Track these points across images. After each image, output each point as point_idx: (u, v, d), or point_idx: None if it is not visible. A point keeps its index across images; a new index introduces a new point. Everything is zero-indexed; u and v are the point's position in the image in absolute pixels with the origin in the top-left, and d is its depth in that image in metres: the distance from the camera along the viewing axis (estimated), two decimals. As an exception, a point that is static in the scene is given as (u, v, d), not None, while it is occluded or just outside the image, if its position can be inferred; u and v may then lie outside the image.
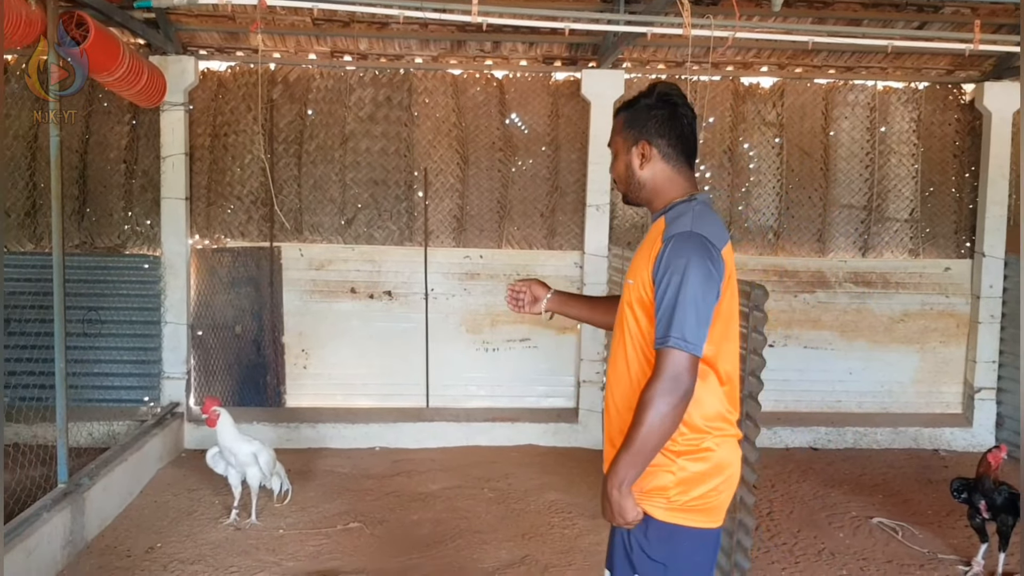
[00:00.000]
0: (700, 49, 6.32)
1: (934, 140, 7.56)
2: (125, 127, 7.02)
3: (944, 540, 5.20)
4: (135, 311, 6.90)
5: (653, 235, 2.36)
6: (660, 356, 2.23)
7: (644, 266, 2.32)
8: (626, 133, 2.46)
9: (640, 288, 2.33)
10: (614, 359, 2.45)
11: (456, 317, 7.32)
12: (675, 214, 2.36)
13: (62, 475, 4.81)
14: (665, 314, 2.23)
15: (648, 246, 2.36)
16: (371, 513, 5.45)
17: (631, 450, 2.24)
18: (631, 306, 2.36)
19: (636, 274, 2.36)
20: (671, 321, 2.21)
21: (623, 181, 2.50)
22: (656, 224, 2.39)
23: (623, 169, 2.48)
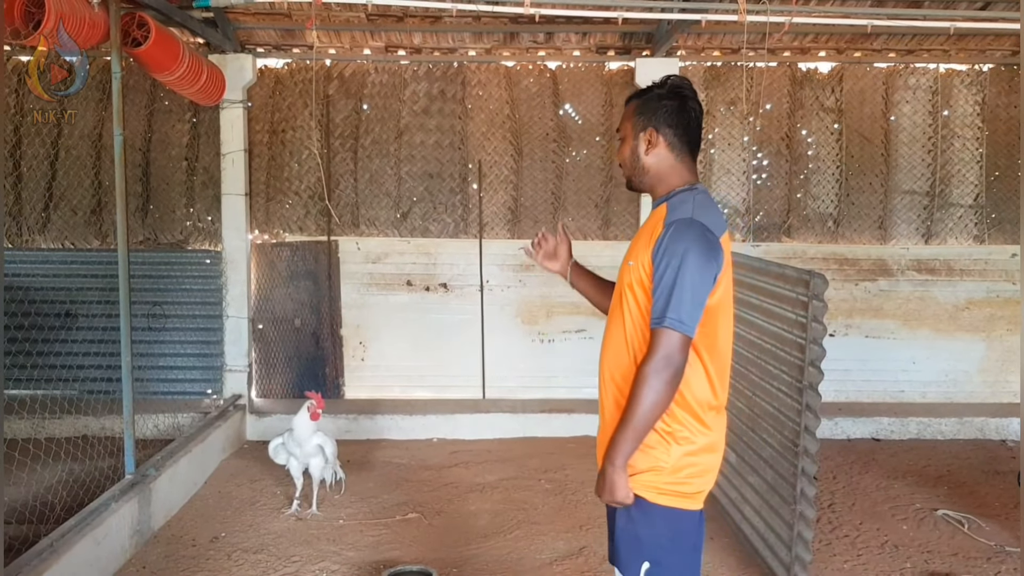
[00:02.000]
0: (756, 35, 6.22)
1: (999, 123, 7.35)
2: (186, 125, 7.16)
3: (1012, 533, 5.07)
4: (197, 305, 7.05)
5: (654, 220, 2.47)
6: (656, 335, 2.34)
7: (644, 249, 2.41)
8: (635, 120, 2.54)
9: (640, 269, 2.42)
10: (611, 336, 2.55)
11: (511, 308, 7.34)
12: (677, 201, 2.45)
13: (129, 466, 4.94)
14: (663, 295, 2.33)
15: (649, 230, 2.45)
16: (429, 504, 5.50)
17: (628, 425, 2.36)
18: (631, 287, 2.45)
19: (636, 256, 2.45)
20: (668, 302, 2.32)
21: (628, 166, 2.58)
22: (657, 210, 2.50)
23: (629, 154, 2.57)
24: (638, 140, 2.54)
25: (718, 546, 4.81)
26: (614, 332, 2.54)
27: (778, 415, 4.29)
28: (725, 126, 7.29)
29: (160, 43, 5.14)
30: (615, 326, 2.54)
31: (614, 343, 2.54)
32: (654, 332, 2.35)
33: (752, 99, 7.07)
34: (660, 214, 2.46)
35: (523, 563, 4.66)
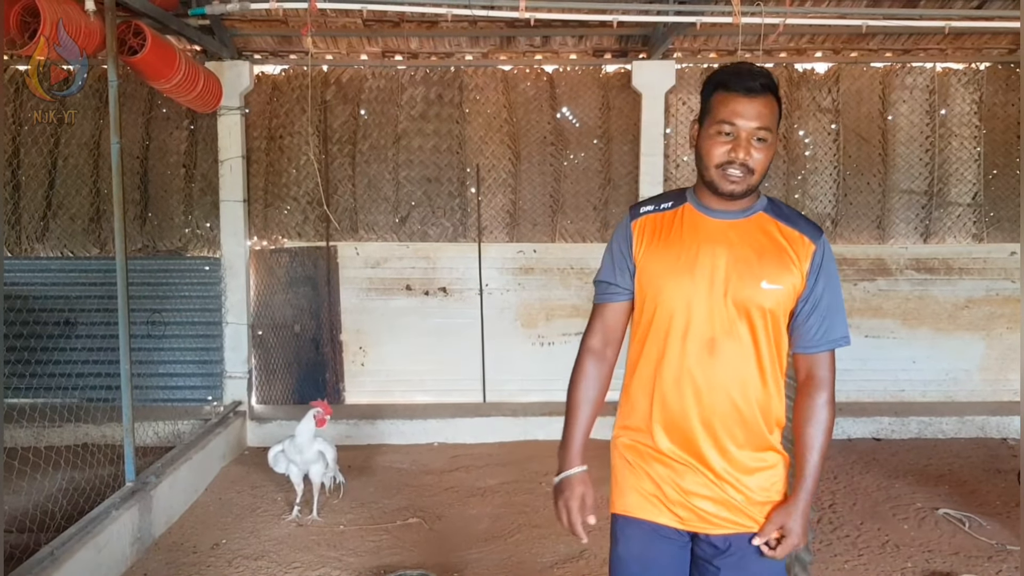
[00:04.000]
0: (751, 36, 6.23)
1: (997, 122, 7.36)
2: (183, 132, 7.17)
3: (1013, 531, 5.06)
4: (197, 312, 7.05)
5: (772, 231, 2.25)
6: (831, 358, 2.28)
7: (789, 268, 2.22)
8: (779, 122, 2.25)
9: (789, 292, 2.22)
10: (731, 363, 2.23)
11: (511, 312, 7.34)
12: (784, 211, 2.31)
13: (129, 473, 4.94)
14: (836, 314, 2.25)
15: (778, 245, 2.24)
16: (430, 508, 5.50)
17: (824, 457, 2.27)
18: (773, 312, 2.22)
19: (780, 278, 2.21)
20: (839, 320, 2.26)
21: (765, 170, 2.23)
22: (761, 218, 2.27)
23: (772, 158, 2.24)
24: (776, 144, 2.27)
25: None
26: (743, 358, 2.24)
27: (777, 416, 4.28)
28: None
29: (156, 51, 5.15)
30: (741, 352, 2.23)
31: (744, 369, 2.24)
32: (828, 355, 2.28)
33: (749, 100, 7.06)
34: (783, 227, 2.26)
35: (524, 567, 4.66)
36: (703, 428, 2.26)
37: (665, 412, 2.31)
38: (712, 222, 2.27)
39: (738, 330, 2.22)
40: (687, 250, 2.25)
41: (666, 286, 2.26)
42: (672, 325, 2.26)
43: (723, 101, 2.17)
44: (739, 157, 2.16)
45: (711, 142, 2.20)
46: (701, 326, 2.23)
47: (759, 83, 2.15)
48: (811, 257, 2.22)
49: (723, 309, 2.21)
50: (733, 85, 2.16)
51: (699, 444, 2.27)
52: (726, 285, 2.20)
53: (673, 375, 2.27)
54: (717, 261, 2.22)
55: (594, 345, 2.45)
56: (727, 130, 2.16)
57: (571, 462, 2.44)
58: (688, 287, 2.23)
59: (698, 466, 2.28)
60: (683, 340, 2.25)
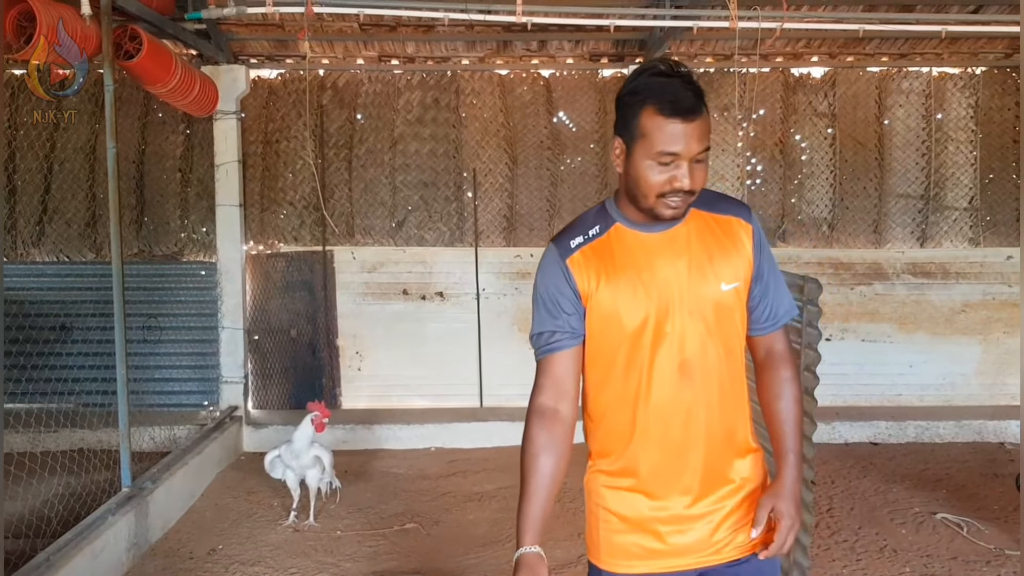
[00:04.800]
0: (748, 41, 6.23)
1: (993, 126, 7.37)
2: (180, 137, 7.16)
3: (1011, 536, 5.06)
4: (193, 317, 7.04)
5: (709, 226, 2.09)
6: (784, 332, 2.20)
7: (739, 260, 2.08)
8: None
9: (746, 284, 2.10)
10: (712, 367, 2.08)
11: (508, 316, 7.33)
12: (706, 197, 2.09)
13: (125, 479, 4.92)
14: (781, 288, 2.16)
15: (721, 239, 2.08)
16: (427, 513, 5.49)
17: (800, 434, 2.18)
18: (737, 308, 2.10)
19: (735, 274, 2.07)
20: (785, 292, 2.18)
21: (703, 185, 2.04)
22: (694, 214, 2.09)
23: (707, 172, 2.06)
24: None
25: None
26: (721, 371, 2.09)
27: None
28: (718, 132, 7.30)
29: (152, 55, 5.14)
30: (719, 365, 2.08)
31: (725, 381, 2.10)
32: (781, 331, 2.19)
33: (745, 105, 7.08)
34: (714, 216, 2.10)
35: (522, 572, 4.65)
36: (694, 453, 2.08)
37: (650, 446, 2.09)
38: (652, 237, 2.07)
39: (710, 340, 2.06)
40: (641, 274, 2.05)
41: (630, 317, 2.05)
42: (642, 358, 2.05)
43: (660, 127, 1.93)
44: (684, 185, 1.95)
45: (648, 172, 1.97)
46: (673, 351, 2.04)
47: (693, 98, 1.95)
48: (752, 237, 2.10)
49: (692, 326, 2.04)
50: (668, 108, 1.93)
51: (692, 471, 2.08)
52: (690, 300, 2.04)
53: (652, 409, 2.07)
54: (675, 276, 2.04)
55: (544, 404, 2.16)
56: (668, 160, 1.94)
57: (522, 540, 2.07)
58: (652, 312, 2.03)
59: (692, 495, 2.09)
60: (656, 371, 2.05)
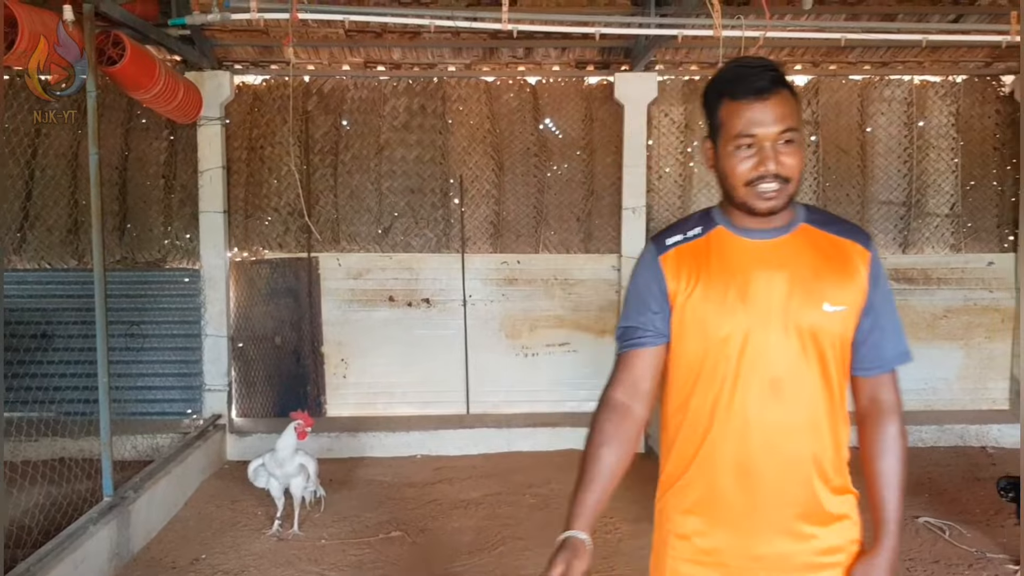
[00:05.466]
0: (732, 49, 6.26)
1: (974, 133, 7.43)
2: (163, 143, 7.11)
3: (993, 539, 5.09)
4: (176, 324, 7.00)
5: (821, 244, 1.97)
6: (895, 379, 1.99)
7: (850, 284, 1.94)
8: (799, 116, 1.95)
9: (855, 311, 1.94)
10: (801, 403, 1.93)
11: (495, 323, 7.32)
12: (824, 217, 2.02)
13: (107, 488, 4.87)
14: (894, 329, 1.98)
15: (832, 259, 1.95)
16: (413, 522, 5.47)
17: (903, 500, 1.97)
18: (842, 338, 1.95)
19: (843, 297, 1.93)
20: (899, 333, 2.00)
21: (801, 173, 1.93)
22: (805, 230, 1.98)
23: (802, 160, 1.93)
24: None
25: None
26: (813, 402, 1.94)
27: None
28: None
29: (136, 61, 5.11)
30: (811, 394, 1.93)
31: (815, 416, 1.94)
32: (893, 376, 1.99)
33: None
34: (829, 237, 1.97)
35: (508, 580, 4.65)
36: (775, 482, 1.94)
37: (726, 468, 1.97)
38: (754, 244, 1.96)
39: (806, 365, 1.92)
40: (735, 280, 1.94)
41: (717, 325, 1.94)
42: (727, 368, 1.94)
43: (735, 112, 1.88)
44: (769, 169, 1.86)
45: (732, 160, 1.90)
46: (763, 366, 1.92)
47: (768, 79, 1.86)
48: (869, 266, 1.95)
49: (785, 342, 1.91)
50: (740, 91, 1.87)
51: (771, 500, 1.95)
52: (785, 314, 1.91)
53: (733, 426, 1.94)
54: (773, 288, 1.92)
55: (616, 398, 2.06)
56: (747, 143, 1.87)
57: (571, 522, 1.95)
58: (743, 322, 1.92)
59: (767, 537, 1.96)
60: (742, 384, 1.93)
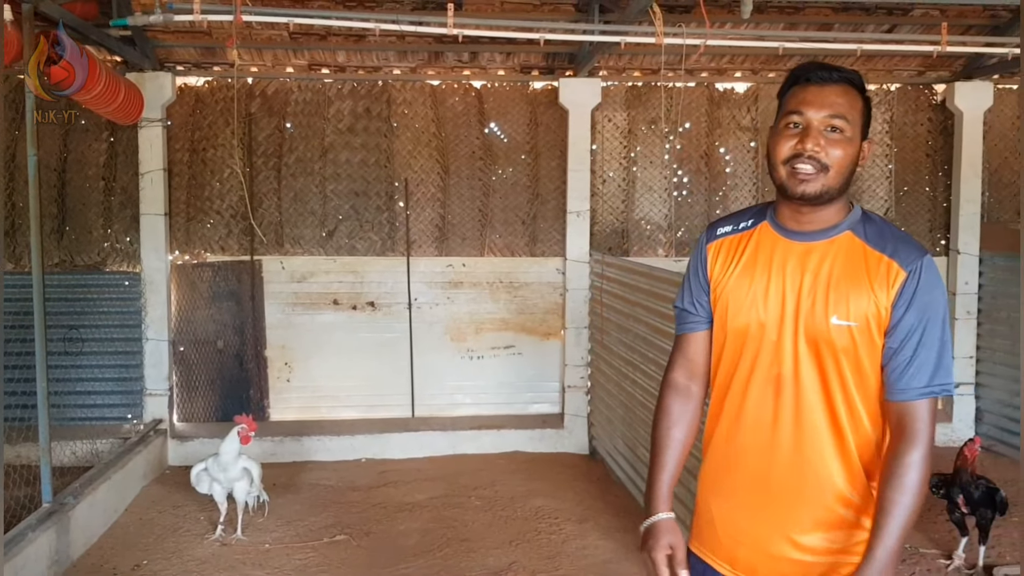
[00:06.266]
0: (674, 56, 6.37)
1: (907, 140, 7.65)
2: (103, 144, 7.00)
3: (925, 535, 5.26)
4: (116, 328, 6.90)
5: (855, 256, 1.96)
6: (923, 408, 1.91)
7: (867, 300, 1.92)
8: (864, 120, 1.98)
9: (868, 328, 1.92)
10: (806, 415, 1.98)
11: (440, 326, 7.34)
12: (878, 230, 1.98)
13: (46, 494, 4.80)
14: (931, 356, 1.90)
15: (858, 272, 1.94)
16: (358, 525, 5.46)
17: (907, 526, 1.89)
18: (850, 352, 1.94)
19: (854, 312, 1.92)
20: (939, 364, 1.91)
21: (843, 170, 1.93)
22: (847, 239, 1.98)
23: (853, 158, 1.94)
24: (861, 147, 1.97)
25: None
26: (809, 407, 1.98)
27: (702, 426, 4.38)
28: (646, 144, 7.44)
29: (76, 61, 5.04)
30: (807, 399, 1.97)
31: (813, 422, 1.98)
32: (917, 405, 1.91)
33: (672, 118, 7.23)
34: (869, 251, 1.95)
35: (453, 581, 4.68)
36: (760, 479, 2.03)
37: (730, 449, 2.10)
38: (789, 245, 2.01)
39: (805, 372, 1.96)
40: (759, 276, 2.02)
41: (737, 314, 2.04)
42: (740, 361, 2.04)
43: (795, 93, 1.96)
44: (807, 148, 1.90)
45: (778, 137, 1.96)
46: (768, 363, 2.00)
47: (836, 74, 1.93)
48: (899, 285, 1.90)
49: (792, 346, 1.97)
50: (805, 76, 1.95)
51: (754, 496, 2.05)
52: (796, 318, 1.96)
53: (740, 412, 2.05)
54: (789, 291, 1.98)
55: (677, 380, 2.21)
56: (795, 120, 1.93)
57: (655, 507, 2.11)
58: (757, 318, 2.01)
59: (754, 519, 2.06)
60: (752, 376, 2.03)
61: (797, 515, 2.00)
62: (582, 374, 7.12)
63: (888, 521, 1.87)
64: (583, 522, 5.49)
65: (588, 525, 5.44)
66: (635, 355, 5.70)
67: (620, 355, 6.09)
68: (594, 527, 5.39)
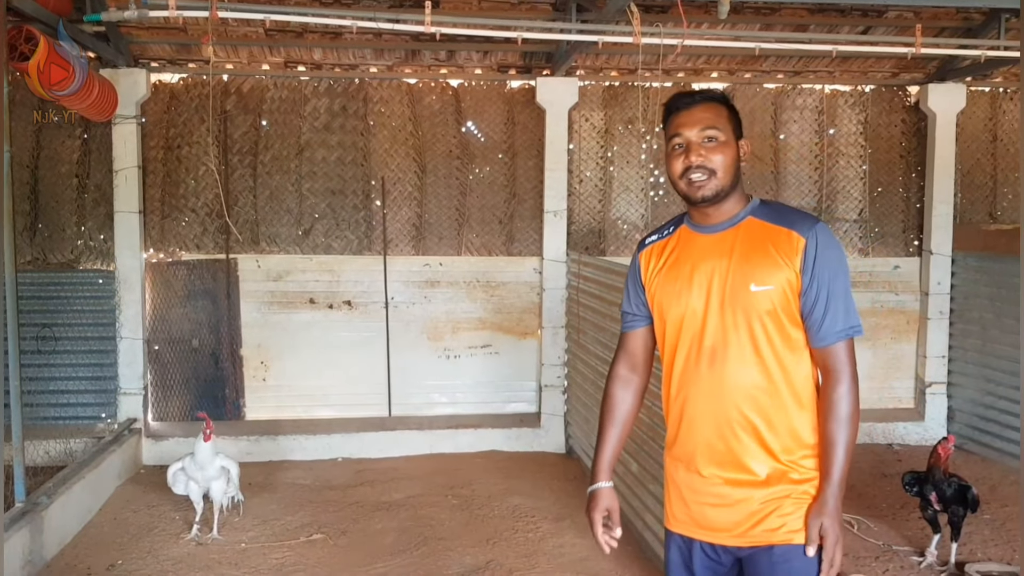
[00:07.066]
0: (651, 56, 6.41)
1: (881, 141, 7.73)
2: (76, 141, 6.94)
3: (899, 532, 5.32)
4: (90, 327, 6.83)
5: (769, 233, 2.28)
6: (844, 348, 2.23)
7: (778, 266, 2.23)
8: (733, 125, 2.36)
9: (783, 290, 2.23)
10: (735, 371, 2.27)
11: (417, 325, 7.33)
12: (774, 211, 2.35)
13: (19, 494, 4.75)
14: (839, 304, 2.21)
15: (765, 246, 2.26)
16: (334, 524, 5.45)
17: (849, 451, 2.22)
18: (770, 314, 2.24)
19: (766, 278, 2.23)
20: (847, 310, 2.23)
21: (727, 170, 2.30)
22: (750, 223, 2.32)
23: (731, 158, 2.31)
24: (738, 146, 2.35)
25: (621, 554, 4.90)
26: (744, 366, 2.27)
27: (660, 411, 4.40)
28: (623, 144, 7.47)
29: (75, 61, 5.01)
30: (741, 360, 2.26)
31: (748, 377, 2.26)
32: (836, 347, 2.22)
33: (649, 118, 7.26)
34: (770, 227, 2.29)
35: (430, 580, 4.67)
36: (710, 442, 2.31)
37: (681, 426, 2.39)
38: (704, 238, 2.36)
39: (737, 339, 2.26)
40: (683, 268, 2.35)
41: (670, 306, 2.36)
42: (679, 342, 2.35)
43: (671, 121, 2.35)
44: (693, 161, 2.28)
45: (670, 159, 2.34)
46: (702, 338, 2.30)
47: (698, 96, 2.35)
48: (802, 251, 2.22)
49: (720, 320, 2.27)
50: (674, 104, 2.35)
51: (704, 457, 2.33)
52: (722, 295, 2.27)
53: (684, 390, 2.35)
54: (712, 274, 2.30)
55: (619, 371, 2.59)
56: (678, 142, 2.31)
57: (597, 477, 2.51)
58: (687, 303, 2.32)
59: (706, 477, 2.33)
60: (688, 355, 2.33)
61: (748, 461, 2.27)
62: (559, 373, 7.14)
63: (832, 451, 2.21)
64: (560, 520, 5.51)
65: (565, 523, 5.45)
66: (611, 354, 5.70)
67: (597, 354, 6.11)
68: (571, 525, 5.40)
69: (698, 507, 2.36)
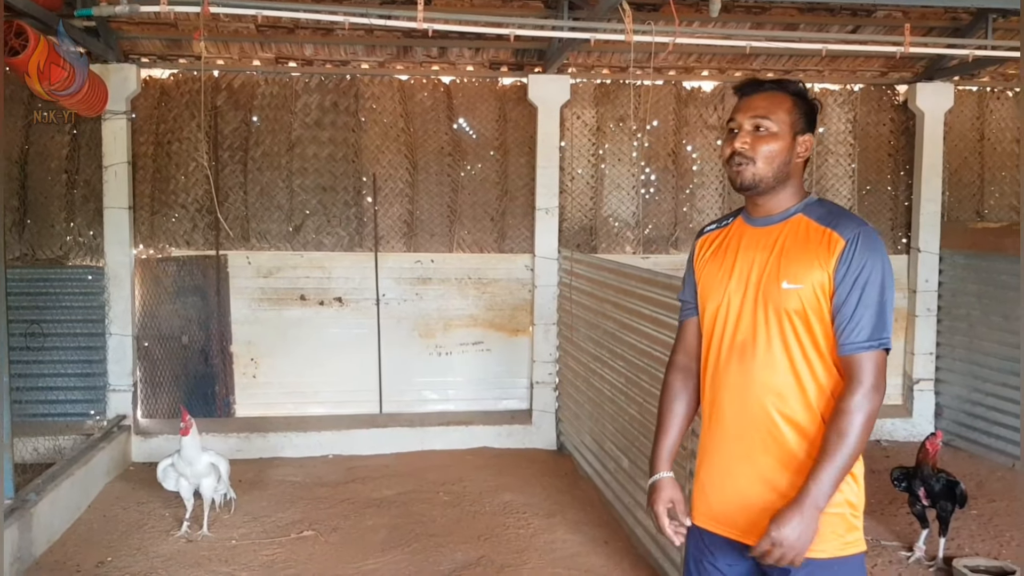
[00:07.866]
0: (642, 54, 6.40)
1: (870, 140, 7.77)
2: (66, 136, 6.91)
3: (887, 527, 5.35)
4: (79, 323, 6.80)
5: (810, 232, 2.23)
6: (865, 360, 2.14)
7: (812, 266, 2.18)
8: (794, 118, 2.28)
9: (813, 291, 2.17)
10: (765, 368, 2.23)
11: (408, 322, 7.32)
12: (827, 211, 2.27)
13: (8, 491, 4.72)
14: (868, 313, 2.14)
15: (806, 244, 2.22)
16: (325, 521, 5.44)
17: (844, 464, 2.12)
18: (799, 313, 2.19)
19: (799, 275, 2.19)
20: (878, 321, 2.14)
21: (770, 161, 2.25)
22: (806, 221, 2.26)
23: (779, 152, 2.26)
24: (796, 141, 2.28)
25: (612, 549, 4.92)
26: (772, 365, 2.23)
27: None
28: (615, 142, 7.48)
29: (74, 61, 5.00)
30: (770, 358, 2.23)
31: (776, 377, 2.22)
32: (860, 357, 2.14)
33: (640, 116, 7.28)
34: (809, 224, 2.25)
35: (422, 575, 4.67)
36: (733, 438, 2.29)
37: (712, 420, 2.37)
38: (753, 230, 2.35)
39: (767, 336, 2.23)
40: (728, 259, 2.35)
41: (710, 295, 2.37)
42: (715, 332, 2.35)
43: (734, 105, 2.35)
44: (736, 147, 2.27)
45: (723, 142, 2.36)
46: (735, 332, 2.29)
47: (767, 85, 2.32)
48: (839, 252, 2.16)
49: (752, 315, 2.26)
50: (739, 89, 2.36)
51: (725, 452, 2.32)
52: (757, 290, 2.26)
53: (715, 381, 2.35)
54: (752, 267, 2.29)
55: (678, 360, 2.54)
56: (732, 127, 2.32)
57: (656, 467, 2.46)
58: (726, 294, 2.32)
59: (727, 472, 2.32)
60: (720, 348, 2.33)
61: (769, 463, 2.24)
62: (550, 370, 7.15)
63: (823, 461, 2.12)
64: (551, 516, 5.52)
65: (556, 520, 5.46)
66: (603, 351, 5.74)
67: (588, 351, 6.13)
68: (562, 521, 5.41)
69: (720, 505, 2.33)
